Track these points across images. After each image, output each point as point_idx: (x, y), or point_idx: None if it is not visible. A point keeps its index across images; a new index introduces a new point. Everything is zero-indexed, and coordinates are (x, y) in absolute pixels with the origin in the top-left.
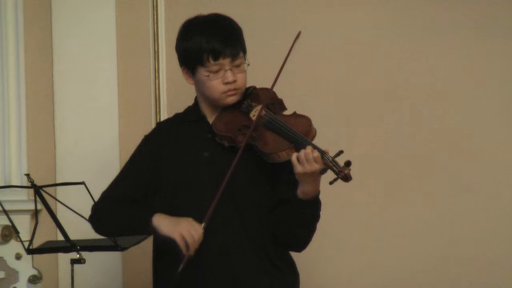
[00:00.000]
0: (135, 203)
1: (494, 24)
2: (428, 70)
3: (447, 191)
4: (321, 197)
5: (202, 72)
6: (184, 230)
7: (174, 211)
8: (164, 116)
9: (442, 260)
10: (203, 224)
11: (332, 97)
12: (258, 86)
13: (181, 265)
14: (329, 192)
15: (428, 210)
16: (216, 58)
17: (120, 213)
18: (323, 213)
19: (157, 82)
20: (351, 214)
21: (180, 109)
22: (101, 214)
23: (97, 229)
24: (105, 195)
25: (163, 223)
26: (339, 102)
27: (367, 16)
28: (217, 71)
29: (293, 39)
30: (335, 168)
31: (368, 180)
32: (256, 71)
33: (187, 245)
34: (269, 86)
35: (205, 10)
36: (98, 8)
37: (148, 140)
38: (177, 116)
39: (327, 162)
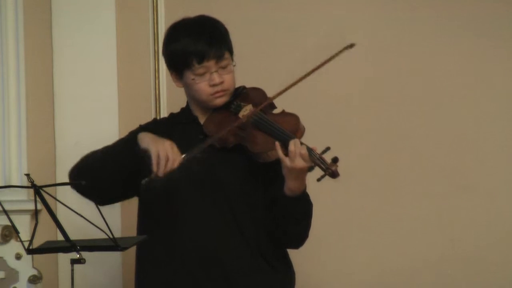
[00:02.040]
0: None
1: (494, 24)
2: (427, 70)
3: (447, 191)
4: (318, 195)
5: (188, 76)
6: (162, 150)
7: (165, 210)
8: (164, 116)
9: (442, 260)
10: (183, 156)
11: (331, 96)
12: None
13: (146, 179)
14: (328, 191)
15: (428, 210)
16: (200, 61)
17: (105, 147)
18: (321, 212)
19: (157, 82)
20: (350, 213)
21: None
22: (85, 157)
23: (80, 172)
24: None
25: (147, 136)
26: (338, 102)
27: (366, 16)
28: (202, 74)
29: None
30: (322, 165)
31: (367, 179)
32: (255, 72)
33: (159, 164)
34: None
35: (205, 11)
36: (98, 8)
37: (143, 130)
38: (172, 116)
39: (314, 159)
